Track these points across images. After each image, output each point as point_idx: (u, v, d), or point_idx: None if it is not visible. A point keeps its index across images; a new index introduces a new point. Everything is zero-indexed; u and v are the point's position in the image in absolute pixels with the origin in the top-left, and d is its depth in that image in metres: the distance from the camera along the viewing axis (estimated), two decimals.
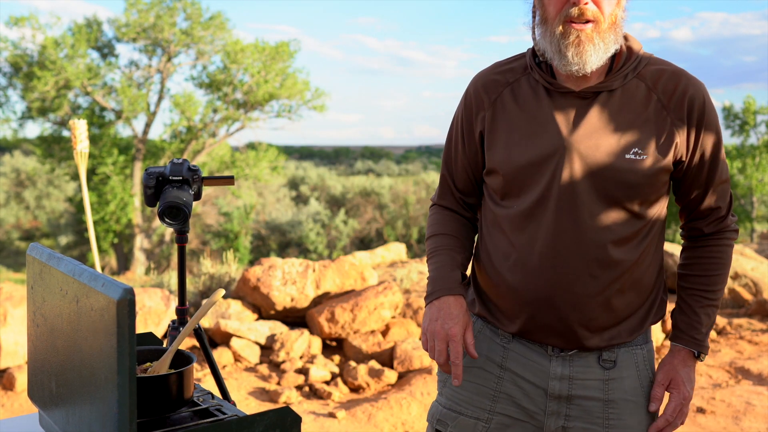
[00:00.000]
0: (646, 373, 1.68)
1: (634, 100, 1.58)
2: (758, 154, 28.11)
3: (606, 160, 1.55)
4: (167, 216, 2.16)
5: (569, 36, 1.52)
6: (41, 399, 1.46)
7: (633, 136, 1.56)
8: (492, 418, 1.66)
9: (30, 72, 23.07)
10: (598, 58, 1.53)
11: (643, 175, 1.55)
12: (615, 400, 1.63)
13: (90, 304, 1.19)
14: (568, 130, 1.57)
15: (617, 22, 1.55)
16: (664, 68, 1.61)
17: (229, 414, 1.43)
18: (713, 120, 1.60)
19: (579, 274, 1.57)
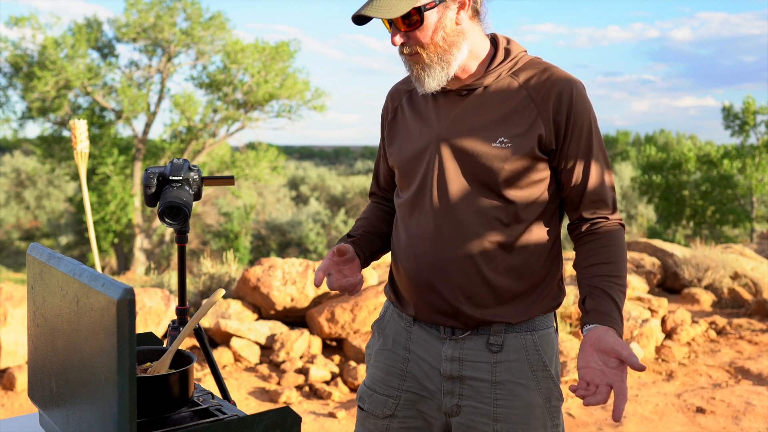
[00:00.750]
0: (538, 358, 1.74)
1: (504, 95, 1.71)
2: (758, 154, 28.09)
3: (474, 148, 1.69)
4: (167, 216, 2.16)
5: (407, 65, 1.73)
6: (41, 399, 1.46)
7: (500, 126, 1.69)
8: (401, 395, 1.81)
9: (30, 72, 23.07)
10: (436, 79, 1.69)
11: (509, 162, 1.67)
12: (502, 381, 1.72)
13: (90, 304, 1.19)
14: (441, 124, 1.74)
15: (442, 44, 1.67)
16: (540, 68, 1.73)
17: (229, 414, 1.43)
18: (583, 113, 1.69)
19: (457, 256, 1.70)
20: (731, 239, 25.57)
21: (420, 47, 1.67)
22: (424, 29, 1.66)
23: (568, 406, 4.53)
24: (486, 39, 1.77)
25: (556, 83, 1.69)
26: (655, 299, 6.23)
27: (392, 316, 1.89)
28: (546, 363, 1.75)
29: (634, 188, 31.28)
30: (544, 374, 1.75)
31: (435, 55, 1.67)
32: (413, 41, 1.67)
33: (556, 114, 1.68)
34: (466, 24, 1.70)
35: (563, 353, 5.24)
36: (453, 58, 1.69)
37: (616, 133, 58.05)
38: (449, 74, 1.70)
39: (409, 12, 1.64)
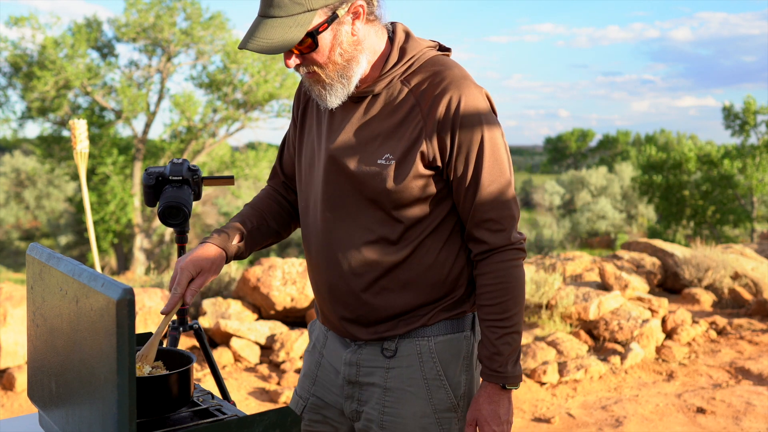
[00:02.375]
0: (432, 366, 1.65)
1: (393, 104, 1.60)
2: (758, 154, 28.11)
3: (359, 165, 1.59)
4: (167, 216, 2.16)
5: (306, 82, 1.62)
6: (41, 399, 1.45)
7: (386, 141, 1.58)
8: (309, 398, 1.79)
9: (30, 72, 23.07)
10: (337, 97, 1.59)
11: (395, 181, 1.56)
12: (392, 388, 1.66)
13: (90, 304, 1.18)
14: (331, 137, 1.65)
15: (340, 61, 1.56)
16: (432, 71, 1.60)
17: (229, 414, 1.43)
18: (472, 126, 1.56)
19: (344, 272, 1.64)
20: (731, 239, 25.58)
21: (317, 67, 1.56)
22: (319, 51, 1.54)
23: (568, 406, 4.53)
24: (384, 37, 1.64)
25: (444, 91, 1.56)
26: (656, 299, 6.22)
27: (317, 320, 1.87)
28: (440, 371, 1.66)
29: (635, 188, 31.31)
30: (438, 383, 1.66)
31: (334, 73, 1.56)
32: (309, 62, 1.56)
33: (441, 127, 1.55)
34: (362, 32, 1.58)
35: (563, 353, 5.23)
36: (353, 73, 1.58)
37: (617, 133, 58.07)
38: (350, 90, 1.59)
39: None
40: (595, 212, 31.76)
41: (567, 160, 61.11)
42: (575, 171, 41.57)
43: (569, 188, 38.01)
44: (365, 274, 1.63)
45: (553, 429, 4.21)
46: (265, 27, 1.49)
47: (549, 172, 62.29)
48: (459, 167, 1.57)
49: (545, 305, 5.99)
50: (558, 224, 32.34)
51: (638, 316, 5.72)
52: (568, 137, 61.25)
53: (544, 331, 5.65)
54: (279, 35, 1.48)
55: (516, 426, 4.24)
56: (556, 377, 4.90)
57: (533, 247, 26.41)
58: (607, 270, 6.63)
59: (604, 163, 47.71)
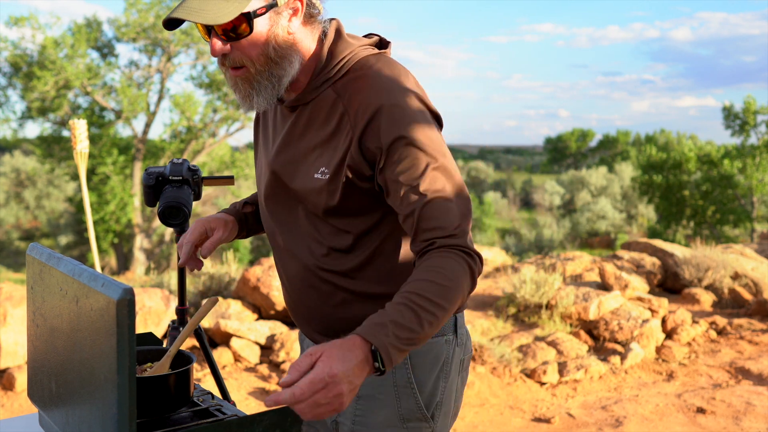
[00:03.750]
0: (404, 372, 1.54)
1: (324, 113, 1.50)
2: (758, 154, 28.13)
3: (297, 180, 1.52)
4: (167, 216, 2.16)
5: (230, 81, 1.48)
6: (41, 399, 1.45)
7: (321, 153, 1.49)
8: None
9: (30, 72, 23.07)
10: (265, 98, 1.47)
11: (332, 195, 1.47)
12: (363, 395, 1.56)
13: (90, 304, 1.18)
14: (272, 150, 1.59)
15: (273, 57, 1.43)
16: (359, 75, 1.48)
17: (229, 414, 1.43)
18: (401, 130, 1.41)
19: (302, 286, 1.59)
20: (731, 239, 25.58)
21: (247, 60, 1.43)
22: (252, 39, 1.41)
23: (568, 406, 4.53)
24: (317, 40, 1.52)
25: (369, 97, 1.43)
26: (656, 299, 6.22)
27: None
28: (410, 377, 1.54)
29: (635, 188, 31.32)
30: (407, 391, 1.54)
31: (265, 69, 1.44)
32: (239, 53, 1.42)
33: (367, 137, 1.43)
34: (299, 33, 1.47)
35: (563, 353, 5.23)
36: (284, 73, 1.46)
37: (617, 133, 58.09)
38: (279, 92, 1.47)
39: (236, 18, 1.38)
40: (595, 212, 31.77)
41: (567, 160, 61.13)
42: (575, 171, 41.58)
43: (569, 188, 38.03)
44: (321, 286, 1.56)
45: (553, 429, 4.21)
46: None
47: (549, 172, 62.30)
48: (390, 176, 1.42)
49: (545, 305, 5.99)
50: (558, 224, 32.34)
51: (638, 316, 5.72)
52: (568, 137, 61.27)
53: (544, 331, 5.65)
54: (212, 6, 1.36)
55: (516, 426, 4.24)
56: (556, 377, 4.90)
57: (533, 247, 26.41)
58: (607, 270, 6.63)
59: (604, 163, 47.73)
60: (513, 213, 41.96)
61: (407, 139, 1.41)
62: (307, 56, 1.50)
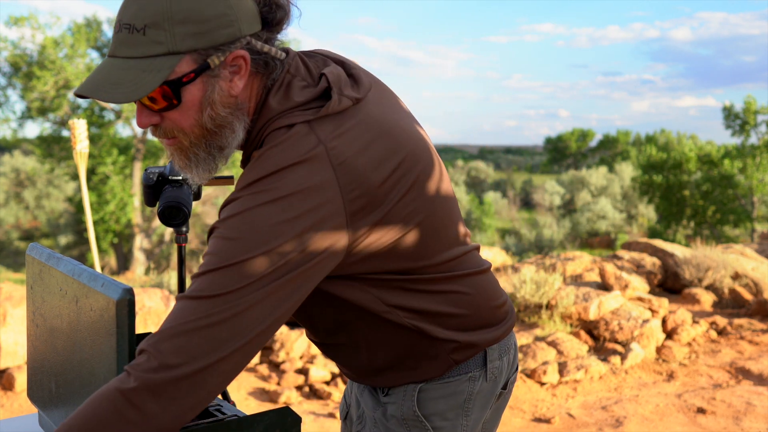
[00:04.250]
0: (409, 406, 1.40)
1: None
2: (758, 154, 28.14)
3: None
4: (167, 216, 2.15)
5: (166, 150, 1.29)
6: (41, 399, 1.45)
7: None
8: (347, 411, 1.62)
9: (29, 72, 23.08)
10: (207, 168, 1.26)
11: None
12: (379, 422, 1.44)
13: (89, 304, 1.18)
14: None
15: (210, 126, 1.22)
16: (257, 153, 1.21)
17: (228, 414, 1.43)
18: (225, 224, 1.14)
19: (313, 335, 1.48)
20: (732, 239, 25.59)
21: (179, 132, 1.22)
22: (183, 109, 1.19)
23: (568, 406, 4.53)
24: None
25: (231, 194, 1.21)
26: (656, 299, 6.22)
27: None
28: (416, 412, 1.40)
29: (635, 188, 31.34)
30: (417, 424, 1.40)
31: (201, 141, 1.23)
32: (170, 122, 1.21)
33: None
34: (245, 91, 1.24)
35: (563, 353, 5.23)
36: (225, 143, 1.24)
37: (617, 133, 58.12)
38: (222, 163, 1.26)
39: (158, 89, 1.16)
40: (595, 212, 31.78)
41: (567, 160, 61.14)
42: (575, 171, 41.61)
43: (569, 188, 38.04)
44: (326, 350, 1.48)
45: (553, 429, 4.21)
46: (113, 68, 1.15)
47: (549, 172, 62.32)
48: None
49: (545, 305, 5.98)
50: (558, 224, 32.35)
51: (638, 316, 5.72)
52: (568, 137, 61.28)
53: (544, 332, 5.65)
54: (130, 77, 1.14)
55: (516, 426, 4.24)
56: (556, 377, 4.90)
57: (533, 247, 26.42)
58: (608, 270, 6.63)
59: (604, 163, 47.74)
60: (513, 213, 41.96)
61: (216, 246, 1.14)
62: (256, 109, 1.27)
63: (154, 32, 1.13)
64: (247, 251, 1.10)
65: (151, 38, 1.13)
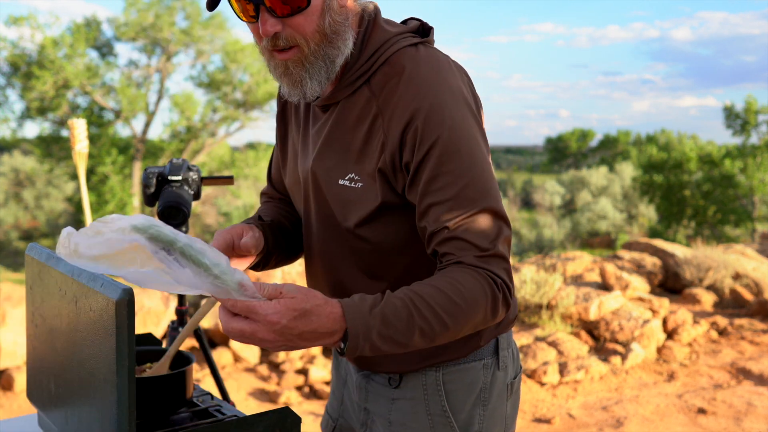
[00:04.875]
0: (437, 401, 1.41)
1: (357, 113, 1.33)
2: (759, 153, 28.15)
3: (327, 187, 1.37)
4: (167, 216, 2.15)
5: (277, 68, 1.32)
6: (40, 400, 1.45)
7: (351, 158, 1.33)
8: (338, 420, 1.63)
9: (29, 71, 23.09)
10: (318, 82, 1.30)
11: (362, 203, 1.32)
12: (395, 422, 1.45)
13: (89, 305, 1.18)
14: (305, 152, 1.45)
15: (329, 33, 1.28)
16: (396, 71, 1.30)
17: (228, 415, 1.42)
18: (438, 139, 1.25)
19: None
20: (732, 239, 25.60)
21: (300, 38, 1.26)
22: (308, 14, 1.25)
23: (569, 406, 4.52)
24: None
25: (406, 97, 1.27)
26: (656, 299, 6.22)
27: None
28: (446, 408, 1.41)
29: (635, 188, 31.35)
30: (443, 421, 1.41)
31: (319, 48, 1.28)
32: (290, 30, 1.26)
33: (400, 144, 1.28)
34: (348, 7, 1.32)
35: (563, 354, 5.23)
36: (338, 53, 1.30)
37: (617, 133, 58.15)
38: (331, 76, 1.31)
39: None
40: (595, 212, 31.79)
41: (567, 160, 61.16)
42: (576, 171, 41.61)
43: (570, 188, 38.05)
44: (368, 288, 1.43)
45: (553, 429, 4.20)
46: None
47: (549, 172, 62.33)
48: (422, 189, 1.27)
49: (546, 305, 5.98)
50: (558, 224, 32.36)
51: (639, 316, 5.72)
52: (569, 137, 61.31)
53: (545, 332, 5.65)
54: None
55: (516, 426, 4.23)
56: (556, 378, 4.90)
57: (533, 247, 26.43)
58: (608, 270, 6.63)
59: (604, 163, 47.74)
60: (513, 213, 41.96)
61: (444, 150, 1.25)
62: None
63: None
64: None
65: None
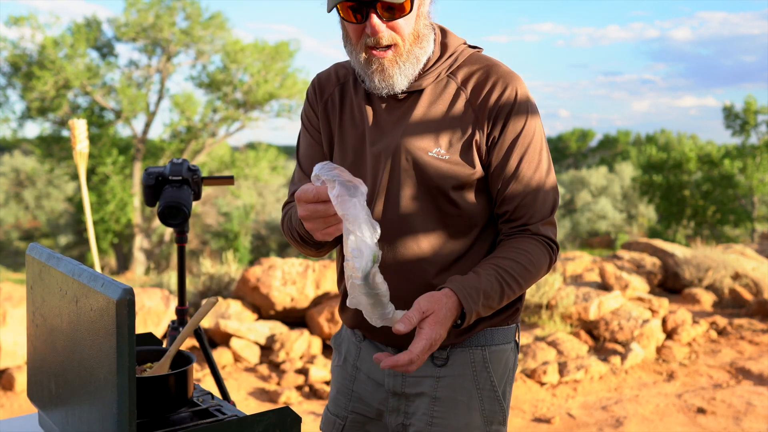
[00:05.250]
0: (486, 376, 1.60)
1: (443, 99, 1.56)
2: (759, 153, 28.13)
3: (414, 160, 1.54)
4: (167, 216, 2.15)
5: (372, 64, 1.51)
6: (41, 399, 1.45)
7: (438, 135, 1.54)
8: (347, 416, 1.69)
9: (29, 72, 23.07)
10: (406, 76, 1.53)
11: (449, 173, 1.52)
12: (442, 398, 1.58)
13: (89, 305, 1.18)
14: (379, 131, 1.58)
15: (420, 36, 1.52)
16: (479, 65, 1.58)
17: (228, 414, 1.43)
18: (524, 115, 1.54)
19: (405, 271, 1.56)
20: (732, 239, 25.58)
21: (399, 39, 1.49)
22: (409, 18, 1.49)
23: (569, 406, 4.53)
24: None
25: (497, 84, 1.54)
26: (656, 299, 6.22)
27: (346, 331, 1.75)
28: (494, 382, 1.60)
29: (635, 188, 31.32)
30: (491, 394, 1.60)
31: (412, 48, 1.51)
32: (391, 32, 1.48)
33: (494, 118, 1.53)
34: (432, 13, 1.57)
35: (563, 353, 5.23)
36: (424, 53, 1.54)
37: (617, 133, 58.10)
38: (413, 75, 1.53)
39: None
40: (595, 212, 31.77)
41: (567, 160, 61.12)
42: (575, 171, 41.58)
43: (569, 188, 38.01)
44: (426, 271, 1.56)
45: (553, 429, 4.21)
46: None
47: None
48: (503, 157, 1.53)
49: (545, 305, 5.98)
50: (558, 224, 32.32)
51: (638, 316, 5.72)
52: (569, 137, 61.27)
53: (545, 332, 5.65)
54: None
55: (516, 426, 4.24)
56: (556, 377, 4.90)
57: None
58: (608, 270, 6.63)
59: (604, 163, 47.73)
60: None
61: (526, 128, 1.54)
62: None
63: None
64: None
65: None
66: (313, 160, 1.70)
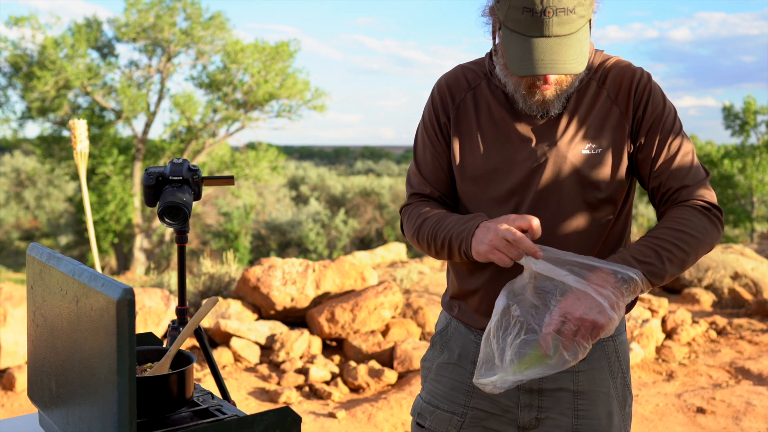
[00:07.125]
0: (618, 365, 1.71)
1: (586, 99, 1.64)
2: (758, 154, 28.11)
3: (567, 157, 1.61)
4: (167, 216, 2.16)
5: (534, 95, 1.59)
6: (41, 399, 1.45)
7: (588, 132, 1.62)
8: (467, 412, 1.70)
9: (30, 72, 23.06)
10: (562, 102, 1.62)
11: (601, 166, 1.61)
12: (584, 391, 1.66)
13: (90, 304, 1.18)
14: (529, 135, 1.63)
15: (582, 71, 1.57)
16: (609, 62, 1.68)
17: (228, 414, 1.43)
18: (658, 98, 1.64)
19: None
20: (732, 239, 25.58)
21: (564, 78, 1.59)
22: None
23: None
24: None
25: (633, 77, 1.64)
26: (656, 299, 6.22)
27: (457, 328, 1.76)
28: (624, 370, 1.72)
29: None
30: (622, 381, 1.72)
31: (573, 81, 1.61)
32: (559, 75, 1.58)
33: (637, 107, 1.63)
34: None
35: None
36: (578, 80, 1.64)
37: None
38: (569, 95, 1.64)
39: None
40: None
41: None
42: None
43: None
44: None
45: None
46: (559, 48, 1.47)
47: None
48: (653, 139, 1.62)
49: None
50: None
51: (638, 316, 5.72)
52: None
53: None
54: (572, 56, 1.49)
55: None
56: None
57: None
58: None
59: None
60: None
61: (664, 105, 1.64)
62: None
63: (580, 8, 1.48)
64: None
65: (578, 14, 1.48)
66: (436, 174, 1.73)
